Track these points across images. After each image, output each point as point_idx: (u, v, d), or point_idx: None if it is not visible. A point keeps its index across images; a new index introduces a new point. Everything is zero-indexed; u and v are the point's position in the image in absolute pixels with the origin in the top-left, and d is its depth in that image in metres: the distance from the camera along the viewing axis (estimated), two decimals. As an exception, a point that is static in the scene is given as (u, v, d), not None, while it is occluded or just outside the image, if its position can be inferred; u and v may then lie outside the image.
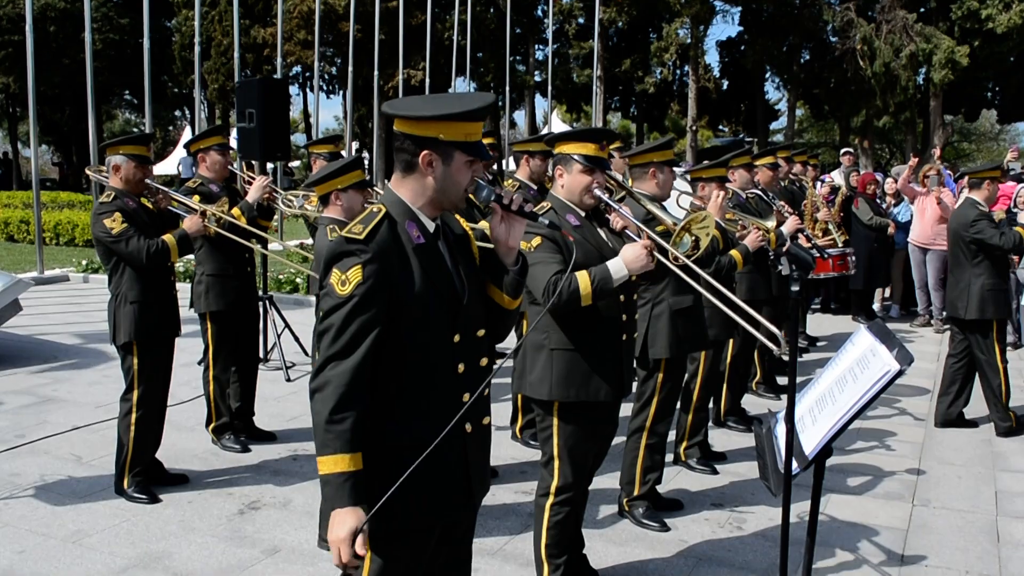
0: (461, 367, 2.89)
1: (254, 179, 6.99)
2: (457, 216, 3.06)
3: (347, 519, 2.67)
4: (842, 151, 15.05)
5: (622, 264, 4.18)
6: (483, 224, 5.87)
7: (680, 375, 5.58)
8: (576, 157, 4.28)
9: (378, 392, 2.79)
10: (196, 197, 6.51)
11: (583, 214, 4.35)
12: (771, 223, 6.32)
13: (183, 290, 6.56)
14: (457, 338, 2.87)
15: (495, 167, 10.11)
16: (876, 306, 12.94)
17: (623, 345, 4.41)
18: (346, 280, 2.71)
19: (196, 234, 5.99)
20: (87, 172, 7.32)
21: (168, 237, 5.73)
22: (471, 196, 2.90)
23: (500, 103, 39.07)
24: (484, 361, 3.00)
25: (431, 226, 2.90)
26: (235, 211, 6.53)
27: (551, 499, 4.35)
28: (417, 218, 2.86)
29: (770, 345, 4.61)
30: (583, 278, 4.09)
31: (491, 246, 3.02)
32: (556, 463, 4.32)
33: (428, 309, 2.80)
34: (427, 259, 2.83)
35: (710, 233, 4.51)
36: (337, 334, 2.72)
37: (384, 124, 31.14)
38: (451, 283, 2.88)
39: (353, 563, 2.69)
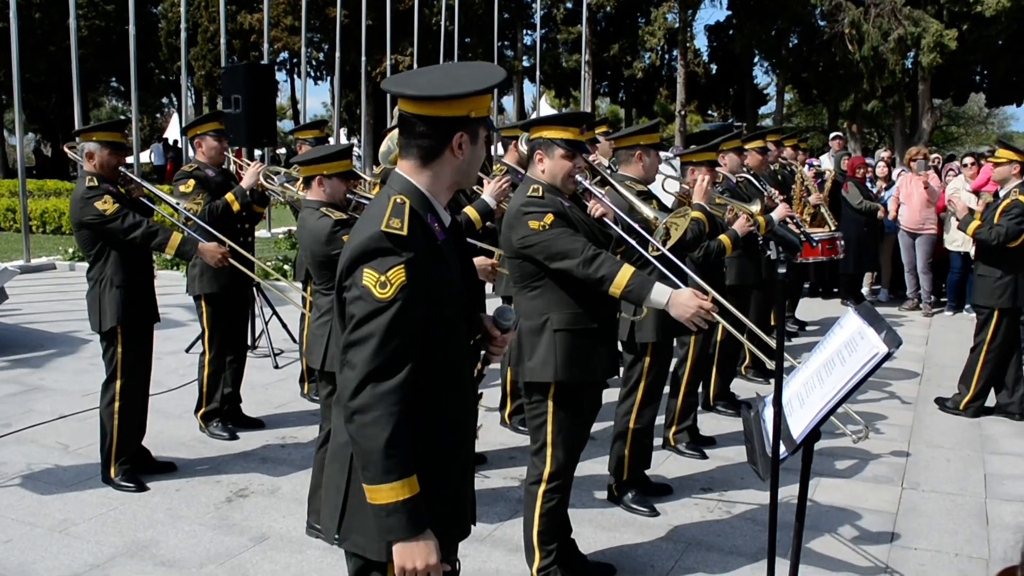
0: (475, 369, 2.80)
1: (248, 165, 6.96)
2: None
3: (425, 548, 2.49)
4: (831, 135, 15.05)
5: (667, 296, 4.13)
6: (468, 210, 5.86)
7: (667, 360, 5.56)
8: (558, 142, 4.26)
9: (416, 404, 2.55)
10: (191, 181, 6.50)
11: (566, 198, 4.33)
12: (755, 207, 6.31)
13: (163, 277, 6.53)
14: (471, 341, 2.76)
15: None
16: (865, 290, 12.96)
17: (615, 325, 4.44)
18: (387, 282, 2.44)
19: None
20: (64, 149, 7.27)
21: (176, 235, 5.77)
22: None
23: (489, 89, 38.97)
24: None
25: (447, 218, 2.70)
26: (229, 196, 6.51)
27: (543, 486, 4.34)
28: (435, 210, 2.64)
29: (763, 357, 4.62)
30: (626, 269, 4.07)
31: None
32: (549, 449, 4.31)
33: (454, 310, 2.62)
34: (450, 257, 2.64)
35: (682, 227, 4.62)
36: (381, 345, 2.43)
37: (373, 111, 31.05)
38: (469, 281, 2.74)
39: None
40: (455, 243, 2.73)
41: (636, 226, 4.50)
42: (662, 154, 6.13)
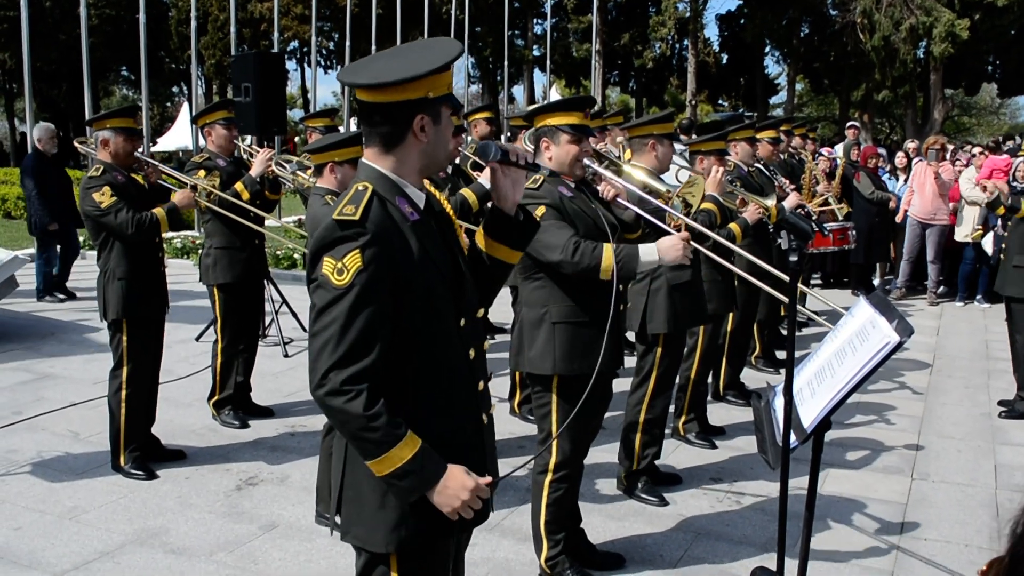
0: (472, 352, 2.68)
1: (257, 153, 6.95)
2: (433, 190, 2.79)
3: (456, 482, 2.48)
4: (847, 124, 14.98)
5: (655, 251, 4.17)
6: (465, 191, 5.85)
7: (679, 350, 5.55)
8: (563, 127, 4.24)
9: (391, 391, 2.47)
10: (201, 172, 6.50)
11: (573, 185, 4.31)
12: (771, 201, 6.27)
13: (174, 266, 6.53)
14: (463, 322, 2.64)
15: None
16: (876, 281, 12.93)
17: (620, 316, 4.41)
18: (343, 268, 2.38)
19: (186, 207, 5.95)
20: (75, 144, 7.26)
21: (158, 210, 5.69)
22: (456, 162, 2.77)
23: (499, 78, 38.97)
24: (487, 343, 2.81)
25: (421, 199, 2.62)
26: (238, 185, 6.49)
27: (550, 476, 4.34)
28: (405, 193, 2.57)
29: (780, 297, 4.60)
30: (607, 251, 4.05)
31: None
32: (555, 439, 4.30)
33: (433, 293, 2.53)
34: (425, 237, 2.55)
35: (697, 195, 4.64)
36: (342, 332, 2.38)
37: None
38: (451, 261, 2.64)
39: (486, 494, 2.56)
40: (439, 226, 2.68)
41: (653, 200, 4.50)
42: (676, 146, 6.10)
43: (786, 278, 4.89)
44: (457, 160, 7.26)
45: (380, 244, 2.41)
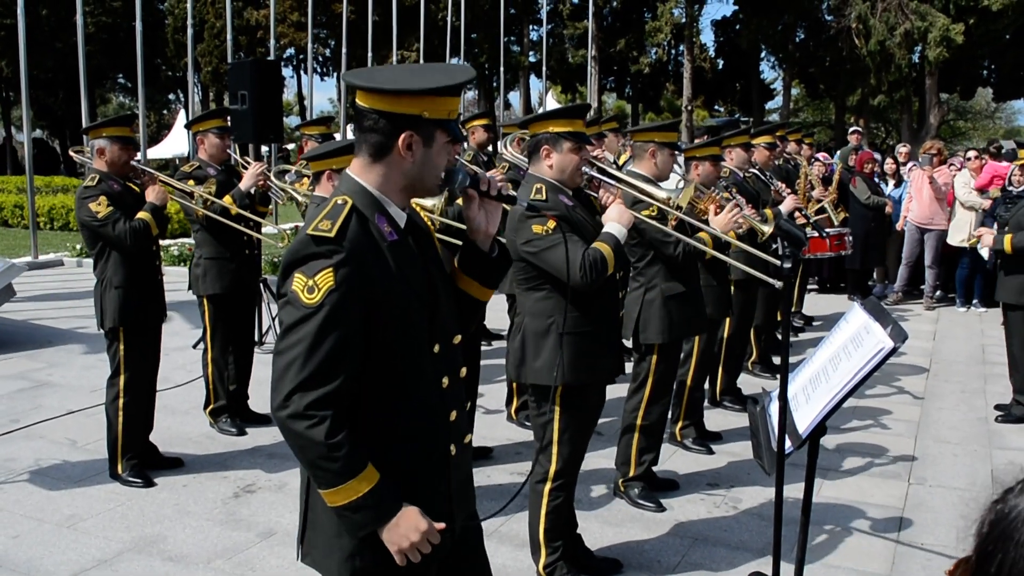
0: (445, 381, 2.55)
1: (249, 165, 6.93)
2: (417, 207, 2.72)
3: (409, 521, 2.38)
4: (851, 130, 15.00)
5: (613, 223, 4.28)
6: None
7: (674, 357, 5.56)
8: (565, 135, 4.25)
9: (357, 415, 2.41)
10: (190, 182, 6.48)
11: (571, 193, 4.33)
12: (768, 227, 6.18)
13: (171, 273, 6.53)
14: (437, 348, 2.53)
15: (489, 148, 10.07)
16: (876, 287, 12.95)
17: (620, 323, 4.45)
18: (314, 287, 2.29)
19: (161, 201, 5.84)
20: (70, 153, 7.27)
21: (143, 214, 5.64)
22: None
23: (495, 84, 38.99)
24: (464, 371, 2.67)
25: (402, 219, 2.52)
26: (227, 199, 6.47)
27: (549, 484, 4.34)
28: (386, 211, 2.48)
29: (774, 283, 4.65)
30: (601, 246, 4.13)
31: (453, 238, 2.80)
32: (555, 448, 4.30)
33: (407, 317, 2.43)
34: (401, 258, 2.45)
35: (689, 193, 4.82)
36: (309, 353, 2.29)
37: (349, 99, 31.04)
38: (427, 285, 2.52)
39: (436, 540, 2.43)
40: (418, 245, 2.57)
41: (652, 203, 4.58)
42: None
43: (778, 284, 4.92)
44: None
45: (354, 263, 2.33)
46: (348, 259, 2.32)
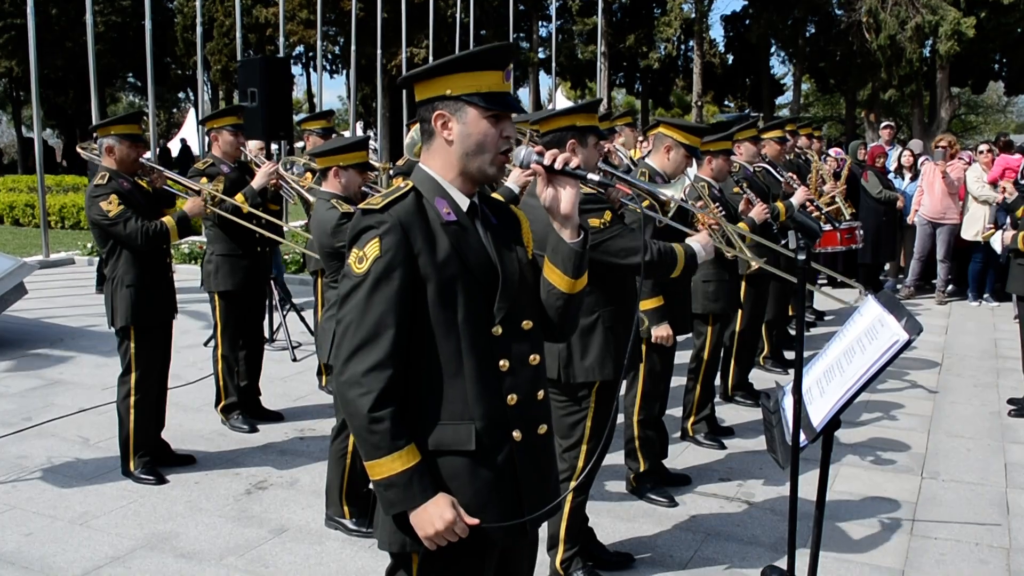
0: (504, 363, 2.53)
1: (261, 164, 6.92)
2: (499, 197, 2.68)
3: (436, 508, 2.41)
4: (882, 125, 14.86)
5: (701, 249, 4.45)
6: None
7: (665, 351, 5.48)
8: (590, 129, 4.24)
9: (408, 389, 2.48)
10: (204, 179, 6.47)
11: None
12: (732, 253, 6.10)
13: (183, 271, 6.53)
14: (499, 330, 2.53)
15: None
16: (888, 281, 12.90)
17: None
18: (363, 256, 2.42)
19: (196, 215, 5.95)
20: (78, 150, 7.27)
21: (168, 219, 5.68)
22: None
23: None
24: (535, 358, 2.62)
25: (464, 203, 2.56)
26: (239, 197, 6.46)
27: (573, 483, 4.33)
28: (448, 195, 2.54)
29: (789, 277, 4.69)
30: (679, 249, 4.17)
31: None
32: (584, 445, 4.29)
33: (459, 294, 2.47)
34: (458, 238, 2.50)
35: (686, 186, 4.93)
36: (360, 319, 2.41)
37: (389, 104, 31.06)
38: (487, 266, 2.53)
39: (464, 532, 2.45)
40: (488, 229, 2.60)
41: (663, 195, 4.56)
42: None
43: (792, 279, 4.90)
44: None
45: (399, 233, 2.43)
46: (393, 228, 2.43)
